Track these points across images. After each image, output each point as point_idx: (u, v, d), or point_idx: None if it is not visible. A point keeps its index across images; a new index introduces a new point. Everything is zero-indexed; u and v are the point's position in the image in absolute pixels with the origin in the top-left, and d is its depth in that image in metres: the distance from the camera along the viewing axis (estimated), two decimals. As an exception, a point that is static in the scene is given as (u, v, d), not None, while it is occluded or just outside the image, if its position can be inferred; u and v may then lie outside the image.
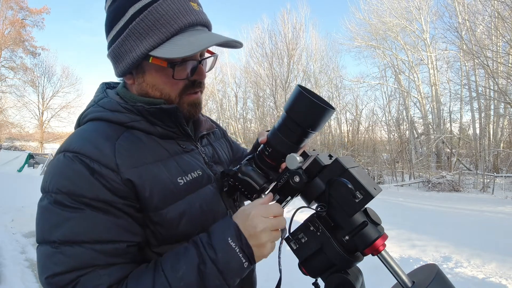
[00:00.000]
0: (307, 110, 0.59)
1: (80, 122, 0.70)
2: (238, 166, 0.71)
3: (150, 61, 0.64)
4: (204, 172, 0.71)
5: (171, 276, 0.55)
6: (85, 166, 0.57)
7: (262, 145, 0.70)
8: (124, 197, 0.58)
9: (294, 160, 0.60)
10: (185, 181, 0.66)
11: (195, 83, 0.70)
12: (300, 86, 0.61)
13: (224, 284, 0.55)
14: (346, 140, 19.03)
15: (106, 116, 0.66)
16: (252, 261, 0.57)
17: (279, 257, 0.67)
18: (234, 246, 0.56)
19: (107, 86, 0.77)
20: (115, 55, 0.67)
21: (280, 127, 0.65)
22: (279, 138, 0.64)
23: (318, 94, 0.63)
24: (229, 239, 0.56)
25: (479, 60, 12.51)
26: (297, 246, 0.61)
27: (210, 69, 0.75)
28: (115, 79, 0.77)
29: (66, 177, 0.57)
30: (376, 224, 0.57)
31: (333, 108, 0.61)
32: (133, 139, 0.64)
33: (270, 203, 0.63)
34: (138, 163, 0.61)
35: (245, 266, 0.56)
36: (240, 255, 0.56)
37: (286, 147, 0.64)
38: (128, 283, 0.55)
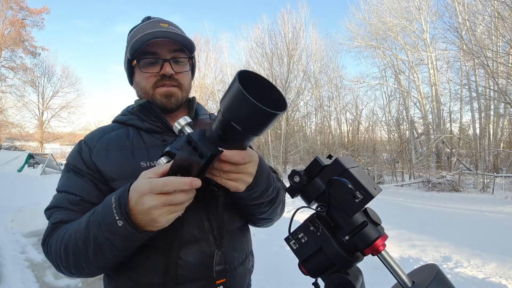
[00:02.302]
0: (248, 114, 0.49)
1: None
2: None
3: (133, 64, 0.87)
4: None
5: (77, 222, 0.70)
6: (79, 147, 0.84)
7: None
8: (91, 168, 0.79)
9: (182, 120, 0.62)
10: (147, 165, 0.79)
11: (165, 78, 0.85)
12: (240, 79, 0.49)
13: (101, 234, 0.63)
14: (346, 140, 19.03)
15: (116, 119, 0.92)
16: (131, 224, 0.59)
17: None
18: (113, 203, 0.62)
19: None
20: (125, 68, 0.93)
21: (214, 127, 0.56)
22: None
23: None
24: (113, 197, 0.63)
25: (479, 60, 12.51)
26: (297, 246, 0.61)
27: (190, 71, 0.93)
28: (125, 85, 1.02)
29: (70, 153, 0.85)
30: (376, 224, 0.57)
31: (282, 109, 0.51)
32: (120, 133, 0.85)
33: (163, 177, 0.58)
34: (110, 147, 0.82)
35: (120, 225, 0.60)
36: (114, 211, 0.61)
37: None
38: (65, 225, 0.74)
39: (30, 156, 14.90)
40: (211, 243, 0.77)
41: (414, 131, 17.56)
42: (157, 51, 0.83)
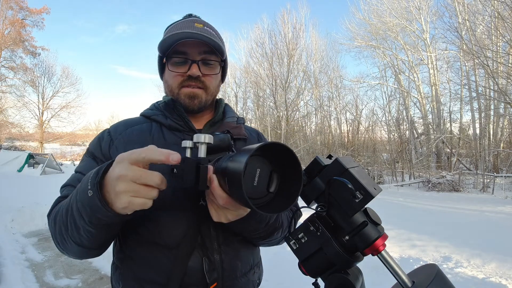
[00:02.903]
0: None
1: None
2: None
3: (163, 61, 0.88)
4: None
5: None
6: (102, 135, 0.87)
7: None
8: (106, 157, 0.82)
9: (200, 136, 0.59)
10: None
11: (191, 78, 0.84)
12: (259, 150, 0.50)
13: (75, 202, 0.62)
14: (346, 140, 19.04)
15: (143, 112, 0.93)
16: (98, 196, 0.57)
17: None
18: (91, 173, 0.61)
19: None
20: (157, 63, 0.93)
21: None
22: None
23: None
24: (95, 168, 0.62)
25: (479, 60, 12.52)
26: (297, 246, 0.61)
27: (220, 74, 0.91)
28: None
29: (93, 140, 0.89)
30: (376, 224, 0.57)
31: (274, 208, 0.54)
32: (143, 128, 0.86)
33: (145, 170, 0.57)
34: (130, 141, 0.83)
35: (89, 195, 0.58)
36: (89, 181, 0.59)
37: None
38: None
39: (30, 156, 14.90)
40: (214, 251, 0.77)
41: (414, 131, 17.57)
42: (186, 51, 0.83)
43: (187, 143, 0.60)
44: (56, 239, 0.71)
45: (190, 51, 0.83)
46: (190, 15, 0.93)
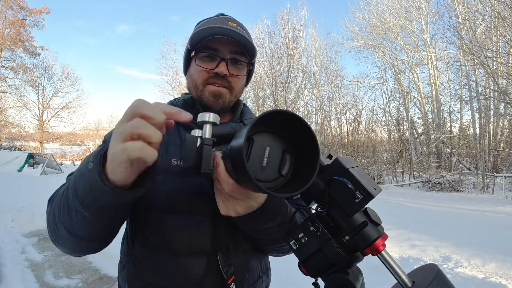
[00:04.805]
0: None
1: None
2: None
3: (191, 55, 0.84)
4: None
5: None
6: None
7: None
8: None
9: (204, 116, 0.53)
10: (178, 163, 0.76)
11: (218, 76, 0.81)
12: (261, 121, 0.43)
13: (72, 180, 0.58)
14: (346, 140, 19.05)
15: None
16: (99, 167, 0.51)
17: None
18: (94, 151, 0.56)
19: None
20: (183, 57, 0.90)
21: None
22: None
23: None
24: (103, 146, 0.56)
25: (479, 60, 12.52)
26: (297, 246, 0.61)
27: (246, 76, 0.90)
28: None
29: (109, 132, 0.82)
30: (376, 224, 0.57)
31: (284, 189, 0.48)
32: None
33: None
34: None
35: (89, 167, 0.52)
36: (92, 154, 0.54)
37: None
38: None
39: (30, 156, 14.89)
40: (226, 256, 0.74)
41: (414, 131, 17.57)
42: (217, 48, 0.81)
43: (196, 132, 0.55)
44: (49, 226, 0.66)
45: (221, 48, 0.81)
46: (222, 14, 0.91)
